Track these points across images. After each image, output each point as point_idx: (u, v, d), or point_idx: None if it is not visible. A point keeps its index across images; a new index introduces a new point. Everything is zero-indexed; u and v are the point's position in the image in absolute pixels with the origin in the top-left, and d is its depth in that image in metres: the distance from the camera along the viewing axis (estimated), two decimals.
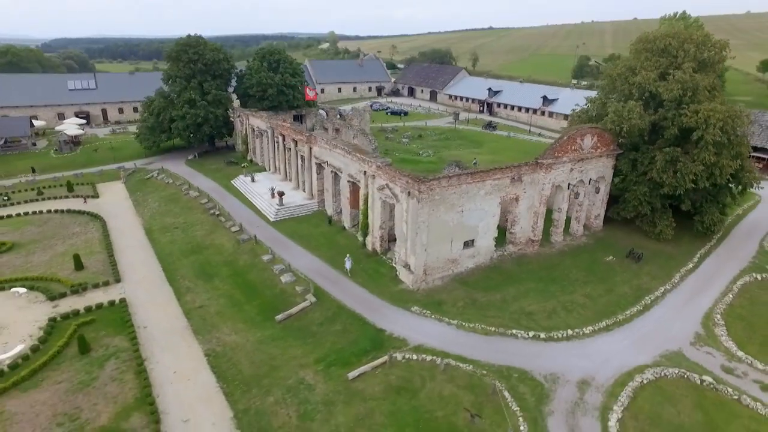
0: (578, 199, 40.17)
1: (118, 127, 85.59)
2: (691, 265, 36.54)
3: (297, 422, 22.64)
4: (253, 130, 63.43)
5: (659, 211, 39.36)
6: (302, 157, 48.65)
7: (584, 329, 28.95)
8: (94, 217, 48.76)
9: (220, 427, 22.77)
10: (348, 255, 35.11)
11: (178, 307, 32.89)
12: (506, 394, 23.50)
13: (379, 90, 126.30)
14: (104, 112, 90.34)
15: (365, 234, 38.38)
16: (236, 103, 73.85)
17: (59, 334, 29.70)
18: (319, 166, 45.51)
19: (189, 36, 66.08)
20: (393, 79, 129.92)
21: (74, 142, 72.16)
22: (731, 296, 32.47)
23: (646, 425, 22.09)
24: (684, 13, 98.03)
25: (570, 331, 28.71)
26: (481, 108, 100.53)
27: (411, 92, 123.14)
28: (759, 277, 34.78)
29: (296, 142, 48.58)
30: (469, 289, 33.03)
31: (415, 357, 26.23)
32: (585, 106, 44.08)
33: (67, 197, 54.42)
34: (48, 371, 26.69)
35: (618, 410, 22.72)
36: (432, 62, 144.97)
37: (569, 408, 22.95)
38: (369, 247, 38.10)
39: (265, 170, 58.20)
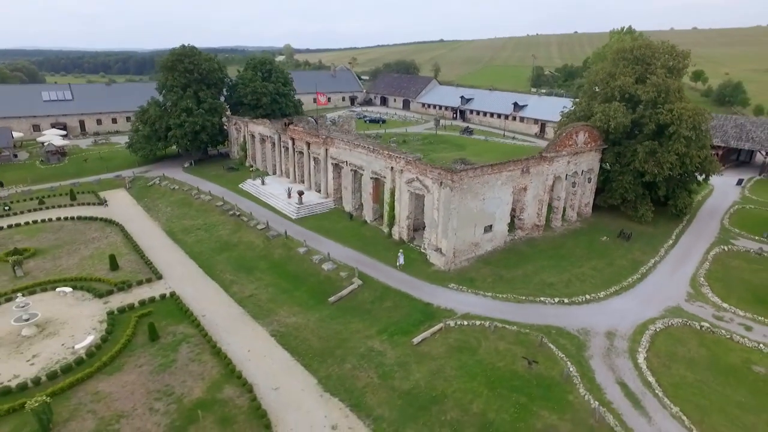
0: (573, 188, 45.63)
1: (100, 138, 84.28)
2: (671, 241, 42.64)
3: (379, 381, 25.74)
4: (253, 137, 65.42)
5: (641, 197, 45.45)
6: (315, 159, 51.56)
7: (598, 294, 33.87)
8: (109, 222, 49.29)
9: (309, 392, 25.44)
10: (401, 250, 37.82)
11: (228, 297, 34.96)
12: (551, 345, 27.71)
13: (352, 99, 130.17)
14: (82, 123, 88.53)
15: (391, 225, 41.89)
16: (227, 111, 75.30)
17: (123, 325, 31.13)
18: (336, 166, 48.62)
19: (183, 46, 67.34)
20: (365, 89, 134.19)
21: (61, 152, 70.92)
22: (708, 264, 38.56)
23: (666, 360, 26.93)
24: (630, 27, 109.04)
25: (588, 296, 33.50)
26: (455, 115, 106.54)
27: (384, 101, 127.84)
28: (726, 249, 41.24)
29: (309, 144, 51.42)
30: (493, 267, 37.27)
31: (465, 323, 29.98)
32: (571, 108, 49.98)
33: (72, 205, 54.27)
34: (124, 357, 28.26)
35: (642, 351, 27.48)
36: (398, 73, 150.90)
37: (604, 352, 27.48)
38: (396, 236, 41.62)
39: (268, 174, 60.28)
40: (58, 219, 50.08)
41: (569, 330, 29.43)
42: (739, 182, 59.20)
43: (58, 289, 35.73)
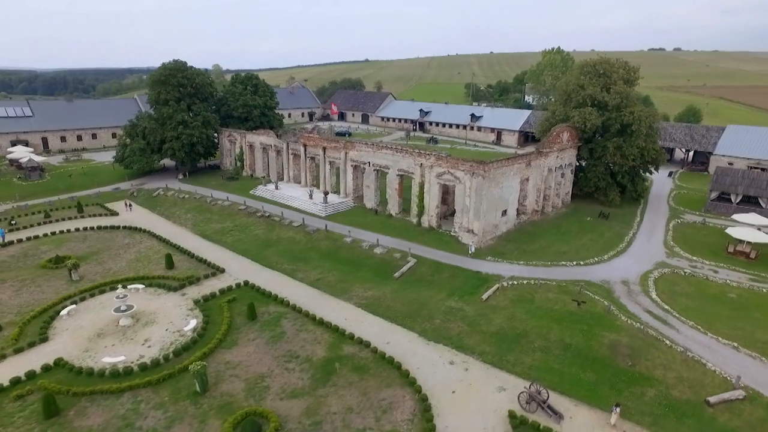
0: (562, 179, 54.63)
1: (72, 155, 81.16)
2: (638, 219, 52.78)
3: (469, 328, 31.38)
4: (251, 147, 68.22)
5: (610, 185, 55.58)
6: (331, 162, 56.16)
7: (603, 257, 42.24)
8: (135, 229, 50.04)
9: (416, 342, 30.40)
10: (472, 240, 43.21)
11: (298, 282, 38.62)
12: (587, 292, 35.11)
13: (311, 115, 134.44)
14: (45, 140, 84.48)
15: (420, 215, 47.77)
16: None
17: (215, 310, 33.85)
18: (356, 168, 53.67)
19: (175, 61, 68.80)
20: (322, 105, 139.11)
21: (40, 169, 68.30)
22: (671, 232, 48.83)
23: (670, 295, 35.39)
24: (559, 48, 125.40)
25: (595, 259, 41.70)
26: (415, 127, 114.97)
27: (342, 116, 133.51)
28: (679, 221, 52.07)
29: (325, 150, 55.96)
30: (513, 243, 44.50)
31: (515, 282, 36.58)
32: (549, 113, 59.53)
33: (82, 217, 53.83)
34: (233, 335, 31.23)
35: (652, 291, 35.81)
36: (344, 89, 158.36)
37: (626, 293, 35.42)
38: (425, 224, 47.53)
39: (271, 181, 63.35)
40: (77, 230, 49.85)
41: (594, 281, 37.16)
42: (670, 174, 72.59)
43: (130, 287, 37.17)
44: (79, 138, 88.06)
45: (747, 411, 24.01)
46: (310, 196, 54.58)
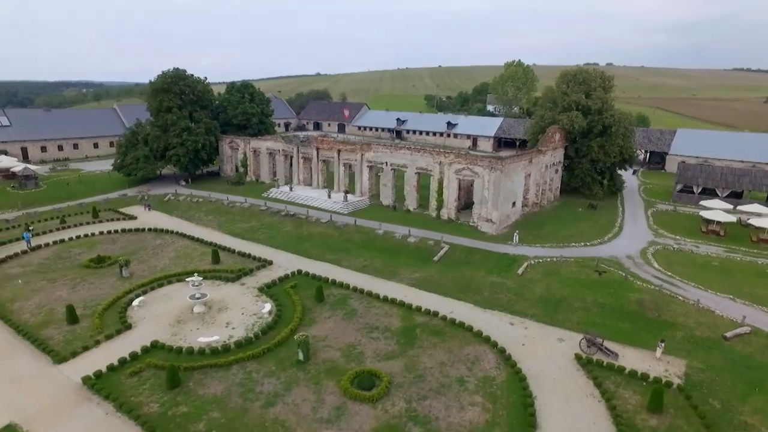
0: (556, 174, 61.15)
1: (60, 165, 78.85)
2: (621, 208, 60.14)
3: (515, 297, 35.99)
4: (255, 152, 70.17)
5: (594, 180, 62.86)
6: (345, 164, 59.58)
7: (604, 239, 48.57)
8: (160, 231, 50.88)
9: (474, 310, 34.42)
10: (516, 232, 47.09)
11: (345, 270, 41.60)
12: (602, 265, 40.86)
13: (287, 126, 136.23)
14: (24, 150, 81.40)
15: (439, 208, 52.26)
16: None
17: (281, 295, 36.35)
18: (371, 168, 57.45)
19: (176, 69, 69.73)
20: (297, 116, 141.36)
21: (35, 178, 66.50)
22: (651, 218, 56.33)
23: (669, 265, 41.83)
24: (520, 61, 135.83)
25: (598, 240, 47.94)
26: (392, 135, 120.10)
27: (317, 126, 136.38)
28: (655, 209, 59.96)
29: (339, 152, 59.35)
30: (525, 230, 49.86)
31: (540, 260, 41.80)
32: (537, 118, 66.28)
33: (101, 221, 53.77)
34: (309, 315, 33.95)
35: (654, 262, 42.20)
36: (314, 100, 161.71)
37: (633, 265, 41.54)
38: (444, 217, 52.05)
39: (283, 185, 65.72)
40: (101, 233, 50.07)
41: (604, 257, 43.11)
42: (634, 172, 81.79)
43: (188, 279, 38.60)
44: (60, 148, 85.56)
45: (754, 341, 30.14)
46: (329, 196, 57.65)
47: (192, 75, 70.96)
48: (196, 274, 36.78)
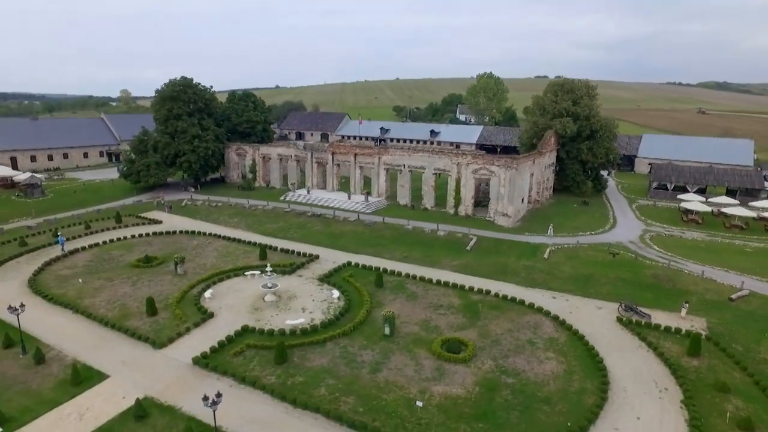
0: (553, 173, 67.37)
1: (55, 174, 77.05)
2: (609, 204, 67.11)
3: (548, 276, 40.83)
4: (264, 159, 72.23)
5: (583, 180, 69.75)
6: (361, 167, 63.09)
7: (605, 228, 54.80)
8: (192, 233, 52.21)
9: (516, 288, 38.81)
10: (551, 224, 51.72)
11: (388, 260, 44.96)
12: (612, 249, 46.69)
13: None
14: (13, 160, 78.90)
15: (457, 206, 56.80)
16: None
17: (342, 284, 39.33)
18: (387, 170, 61.27)
19: (183, 78, 70.89)
20: (278, 126, 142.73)
21: (40, 186, 65.33)
22: (637, 211, 63.49)
23: (665, 246, 48.24)
24: (491, 73, 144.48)
25: (601, 230, 54.08)
26: (376, 144, 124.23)
27: (300, 136, 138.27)
28: (637, 204, 67.42)
29: (356, 156, 62.82)
30: (534, 223, 55.33)
31: (558, 247, 47.10)
32: (530, 124, 72.69)
33: (126, 226, 54.34)
34: (374, 298, 37.19)
35: (653, 246, 48.54)
36: (292, 111, 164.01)
37: (637, 248, 47.63)
38: (462, 213, 56.62)
39: (299, 189, 68.11)
40: (132, 237, 50.86)
41: (611, 242, 49.06)
42: (609, 173, 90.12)
43: (247, 273, 40.95)
44: (50, 158, 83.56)
45: (753, 301, 36.42)
46: (349, 197, 60.86)
47: (198, 84, 72.33)
48: (269, 266, 39.03)
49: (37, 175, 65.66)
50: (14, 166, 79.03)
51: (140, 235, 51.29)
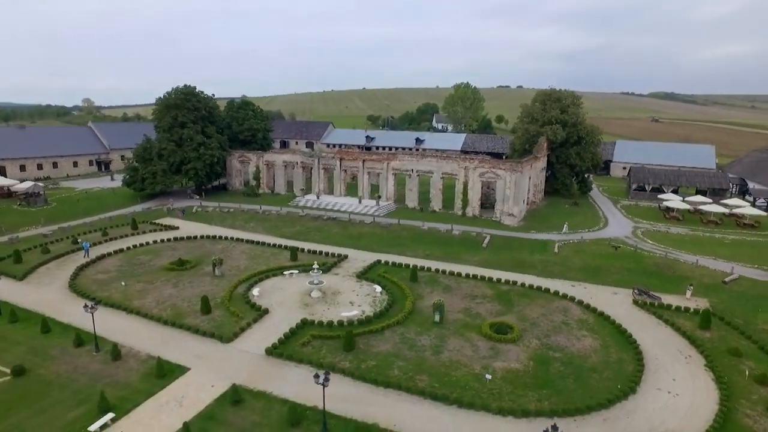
0: (546, 176, 72.27)
1: (50, 183, 75.32)
2: (597, 205, 72.67)
3: (563, 268, 44.83)
4: (268, 166, 73.69)
5: (571, 183, 75.20)
6: (369, 172, 65.80)
7: (600, 226, 59.79)
8: (214, 238, 53.31)
9: (538, 279, 42.51)
10: (566, 222, 55.87)
11: (412, 258, 47.76)
12: (613, 243, 51.42)
13: None
14: (2, 169, 76.60)
15: (464, 207, 60.42)
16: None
17: (379, 280, 41.83)
18: (395, 175, 64.26)
19: (186, 86, 71.59)
20: None
21: (43, 195, 64.22)
22: (624, 210, 69.21)
23: (658, 240, 53.49)
24: (467, 83, 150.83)
25: (597, 227, 59.01)
26: (363, 151, 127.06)
27: (284, 144, 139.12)
28: (622, 204, 73.29)
29: (364, 162, 65.49)
30: (536, 222, 59.72)
31: (565, 243, 51.43)
32: (522, 131, 77.69)
33: (143, 232, 54.67)
34: (413, 291, 39.96)
35: (648, 240, 53.69)
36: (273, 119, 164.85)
37: (634, 243, 52.60)
38: (469, 214, 60.27)
39: (308, 194, 69.89)
40: (155, 242, 51.43)
41: (611, 237, 53.92)
42: (588, 177, 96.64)
43: (286, 272, 42.76)
44: (40, 167, 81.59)
45: (743, 283, 41.65)
46: (360, 201, 63.36)
47: (202, 92, 73.17)
48: (315, 263, 40.99)
49: (40, 184, 64.40)
50: (3, 175, 76.80)
51: (162, 241, 51.86)
